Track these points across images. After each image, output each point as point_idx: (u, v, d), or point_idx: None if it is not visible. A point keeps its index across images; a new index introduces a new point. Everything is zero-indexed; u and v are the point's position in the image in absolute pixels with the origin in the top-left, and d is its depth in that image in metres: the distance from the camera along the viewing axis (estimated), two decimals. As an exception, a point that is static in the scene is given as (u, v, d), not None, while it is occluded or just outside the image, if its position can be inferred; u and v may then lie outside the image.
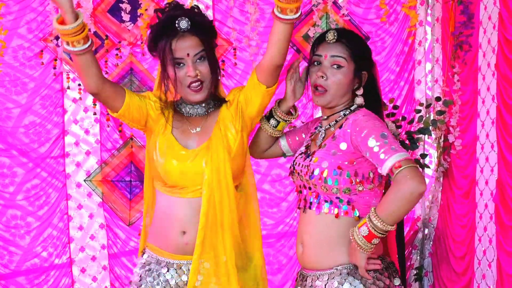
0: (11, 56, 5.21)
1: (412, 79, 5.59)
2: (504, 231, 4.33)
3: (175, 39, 2.62)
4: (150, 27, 2.72)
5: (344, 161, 2.50)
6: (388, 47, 5.55)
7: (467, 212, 4.91)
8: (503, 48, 4.34)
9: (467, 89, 4.98)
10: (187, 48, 2.63)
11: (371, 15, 5.53)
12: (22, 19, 5.18)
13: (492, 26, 4.56)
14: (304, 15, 5.43)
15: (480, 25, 4.76)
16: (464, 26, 4.92)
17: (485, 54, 4.68)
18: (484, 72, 4.69)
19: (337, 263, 2.51)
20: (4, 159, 5.25)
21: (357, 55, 2.61)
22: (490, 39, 4.61)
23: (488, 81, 4.63)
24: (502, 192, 4.37)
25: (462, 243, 4.98)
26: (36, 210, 5.28)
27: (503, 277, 4.35)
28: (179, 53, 2.63)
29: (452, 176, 5.21)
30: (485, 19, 4.67)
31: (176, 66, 2.65)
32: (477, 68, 4.79)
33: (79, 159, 5.37)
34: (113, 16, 5.23)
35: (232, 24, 5.20)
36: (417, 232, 5.57)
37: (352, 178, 2.50)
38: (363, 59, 2.63)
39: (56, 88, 5.29)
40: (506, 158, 4.32)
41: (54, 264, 5.33)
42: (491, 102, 4.57)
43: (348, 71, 2.60)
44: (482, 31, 4.72)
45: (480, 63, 4.75)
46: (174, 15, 2.62)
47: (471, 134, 4.92)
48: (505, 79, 4.34)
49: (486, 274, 4.64)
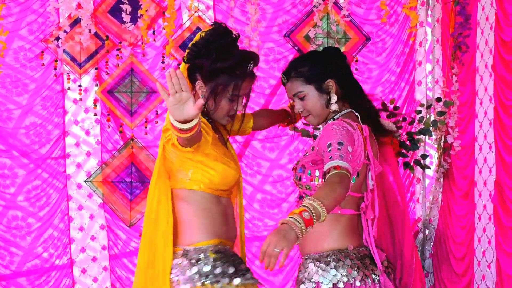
0: (12, 58, 5.24)
1: (412, 80, 5.59)
2: (503, 232, 4.33)
3: (245, 81, 2.76)
4: (206, 54, 2.74)
5: (309, 161, 2.70)
6: (389, 48, 5.55)
7: (467, 213, 4.91)
8: (499, 49, 4.34)
9: (465, 90, 4.97)
10: (246, 89, 2.79)
11: (371, 15, 5.54)
12: (23, 20, 5.20)
13: (489, 27, 4.56)
14: (305, 15, 5.44)
15: (478, 26, 4.76)
16: (461, 27, 4.92)
17: (483, 55, 4.68)
18: (482, 73, 4.69)
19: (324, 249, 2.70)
20: (5, 160, 5.26)
21: (310, 77, 2.80)
22: (488, 40, 4.60)
23: (486, 82, 4.63)
24: (500, 193, 4.36)
25: (461, 244, 4.97)
26: (37, 211, 5.29)
27: (502, 277, 4.34)
28: (242, 92, 2.77)
29: (452, 177, 5.21)
30: (483, 20, 4.67)
31: (232, 100, 2.78)
32: (475, 69, 4.79)
33: (79, 160, 5.39)
34: (113, 17, 5.24)
35: (233, 25, 5.20)
36: (418, 233, 5.57)
37: (312, 176, 2.68)
38: (317, 74, 2.81)
39: (56, 89, 5.31)
40: (504, 159, 4.31)
41: (55, 265, 5.34)
42: (489, 103, 4.57)
43: (312, 95, 2.81)
44: (480, 32, 4.72)
45: (478, 64, 4.75)
46: (248, 57, 2.75)
47: (469, 135, 4.91)
48: (502, 80, 4.34)
49: (485, 275, 4.63)
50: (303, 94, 2.82)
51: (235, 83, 2.73)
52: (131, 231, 5.40)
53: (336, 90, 2.82)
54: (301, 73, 2.81)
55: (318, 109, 2.82)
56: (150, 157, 5.39)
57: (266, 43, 5.37)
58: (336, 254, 2.68)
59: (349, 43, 5.50)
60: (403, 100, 5.57)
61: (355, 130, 2.69)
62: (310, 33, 5.36)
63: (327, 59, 2.86)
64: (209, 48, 2.73)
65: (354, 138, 2.65)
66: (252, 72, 2.77)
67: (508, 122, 4.28)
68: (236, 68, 2.73)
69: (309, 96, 2.81)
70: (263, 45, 5.23)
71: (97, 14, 5.20)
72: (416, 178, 5.61)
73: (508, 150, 4.28)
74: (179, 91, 2.33)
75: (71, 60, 5.26)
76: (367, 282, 2.66)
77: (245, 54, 2.77)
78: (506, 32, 4.27)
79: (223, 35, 2.75)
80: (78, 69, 5.27)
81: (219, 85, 2.73)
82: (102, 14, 5.23)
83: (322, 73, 2.81)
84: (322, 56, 2.89)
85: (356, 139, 2.67)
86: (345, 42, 5.48)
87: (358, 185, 2.73)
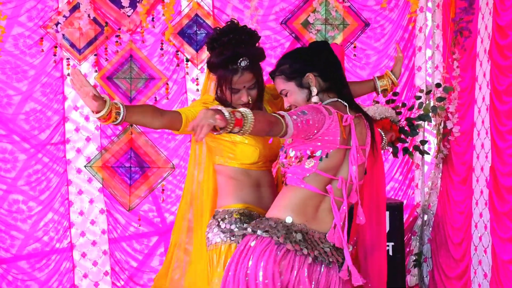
0: (11, 44, 5.27)
1: (412, 65, 5.58)
2: (497, 217, 4.33)
3: (237, 75, 3.06)
4: (211, 49, 3.09)
5: (287, 142, 2.84)
6: (388, 34, 5.54)
7: (465, 199, 4.91)
8: (495, 34, 4.32)
9: (466, 75, 4.96)
10: (244, 83, 3.08)
11: (370, 1, 5.52)
12: (23, 6, 5.22)
13: (489, 12, 4.54)
14: (303, 2, 5.44)
15: (479, 11, 4.74)
16: (465, 12, 4.90)
17: (483, 40, 4.67)
18: (481, 59, 4.68)
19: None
20: (5, 145, 5.31)
21: (290, 73, 2.90)
22: (487, 25, 4.59)
23: (484, 67, 4.62)
24: (494, 178, 4.36)
25: (459, 229, 4.98)
26: (38, 195, 5.35)
27: (497, 263, 4.35)
28: (238, 85, 3.07)
29: (451, 163, 5.20)
30: (484, 5, 4.66)
31: (232, 91, 3.09)
32: (476, 54, 4.77)
33: (79, 145, 5.43)
34: (112, 3, 5.26)
35: (231, 12, 5.22)
36: (417, 219, 5.58)
37: (287, 153, 2.82)
38: (296, 70, 2.89)
39: (56, 75, 5.35)
40: (497, 144, 4.31)
41: (55, 248, 5.40)
42: (486, 88, 4.56)
43: (293, 91, 2.90)
44: (481, 17, 4.70)
45: (478, 49, 4.74)
46: (239, 53, 3.04)
47: (469, 121, 4.90)
48: (496, 65, 4.33)
49: (482, 260, 4.64)
50: (285, 92, 2.92)
51: (226, 77, 3.06)
52: (130, 215, 5.45)
53: (318, 83, 2.87)
54: (282, 71, 2.92)
55: (300, 103, 2.89)
56: (148, 142, 5.43)
57: (263, 31, 5.38)
58: (276, 221, 2.79)
59: (347, 29, 5.49)
60: (403, 86, 5.56)
61: (331, 115, 2.72)
62: (309, 19, 5.37)
63: (309, 54, 2.94)
64: (213, 44, 3.08)
65: (323, 120, 2.70)
66: (244, 67, 3.05)
67: (501, 108, 4.27)
68: (228, 63, 3.04)
69: (291, 92, 2.90)
70: (260, 32, 5.23)
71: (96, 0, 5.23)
72: (415, 164, 5.62)
73: (501, 136, 4.27)
74: (83, 87, 2.61)
75: (71, 47, 5.30)
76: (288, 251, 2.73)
77: (238, 50, 3.04)
78: (502, 17, 4.25)
79: (227, 33, 3.06)
80: (77, 55, 5.31)
81: (218, 78, 3.10)
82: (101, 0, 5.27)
83: (301, 69, 2.89)
84: (304, 52, 2.98)
85: (329, 123, 2.72)
86: (344, 28, 5.47)
87: (328, 166, 2.78)
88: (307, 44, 5.40)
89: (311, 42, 3.20)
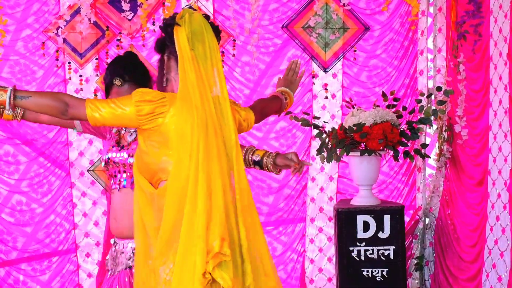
0: (21, 46, 5.30)
1: (414, 69, 5.57)
2: (518, 220, 4.34)
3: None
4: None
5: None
6: (388, 37, 5.53)
7: (481, 201, 4.89)
8: (513, 38, 4.33)
9: (479, 78, 4.95)
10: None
11: (371, 4, 5.52)
12: (31, 9, 5.25)
13: (503, 15, 4.56)
14: (304, 5, 5.44)
15: (491, 14, 4.75)
16: (471, 16, 4.89)
17: (497, 43, 4.68)
18: (496, 62, 4.69)
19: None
20: (8, 147, 5.33)
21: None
22: (502, 28, 4.59)
23: (500, 70, 4.63)
24: (515, 182, 4.37)
25: (473, 232, 4.95)
26: (40, 198, 5.36)
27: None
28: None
29: (460, 166, 5.18)
30: (496, 8, 4.68)
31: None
32: (489, 57, 4.77)
33: (82, 148, 5.43)
34: (113, 7, 5.28)
35: (231, 15, 5.23)
36: (418, 222, 5.57)
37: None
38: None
39: (58, 79, 5.34)
40: (517, 148, 4.33)
41: (58, 250, 5.41)
42: (504, 91, 4.56)
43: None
44: (493, 20, 4.71)
45: (492, 52, 4.74)
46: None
47: (483, 123, 4.89)
48: (514, 69, 4.34)
49: (496, 263, 4.63)
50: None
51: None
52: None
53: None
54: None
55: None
56: (150, 145, 5.44)
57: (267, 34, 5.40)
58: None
59: (347, 33, 5.49)
60: (404, 90, 5.55)
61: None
62: (310, 22, 5.38)
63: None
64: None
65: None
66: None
67: (521, 111, 4.29)
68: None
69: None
70: (253, 33, 5.24)
71: (97, 4, 5.23)
72: (417, 167, 5.61)
73: (523, 139, 4.29)
74: None
75: (72, 51, 5.32)
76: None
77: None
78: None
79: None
80: (79, 59, 5.34)
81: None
82: (102, 4, 5.28)
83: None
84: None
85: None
86: (344, 32, 5.48)
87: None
88: (307, 46, 5.43)
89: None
